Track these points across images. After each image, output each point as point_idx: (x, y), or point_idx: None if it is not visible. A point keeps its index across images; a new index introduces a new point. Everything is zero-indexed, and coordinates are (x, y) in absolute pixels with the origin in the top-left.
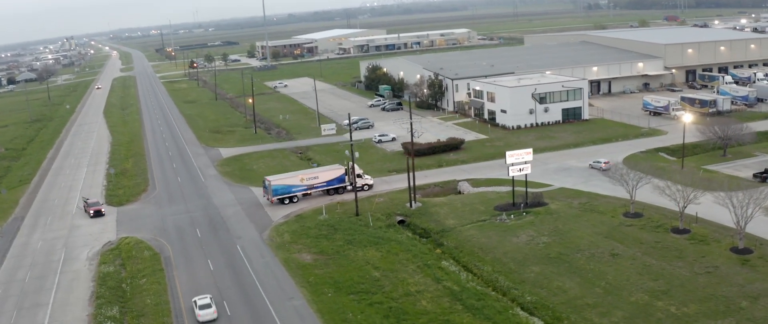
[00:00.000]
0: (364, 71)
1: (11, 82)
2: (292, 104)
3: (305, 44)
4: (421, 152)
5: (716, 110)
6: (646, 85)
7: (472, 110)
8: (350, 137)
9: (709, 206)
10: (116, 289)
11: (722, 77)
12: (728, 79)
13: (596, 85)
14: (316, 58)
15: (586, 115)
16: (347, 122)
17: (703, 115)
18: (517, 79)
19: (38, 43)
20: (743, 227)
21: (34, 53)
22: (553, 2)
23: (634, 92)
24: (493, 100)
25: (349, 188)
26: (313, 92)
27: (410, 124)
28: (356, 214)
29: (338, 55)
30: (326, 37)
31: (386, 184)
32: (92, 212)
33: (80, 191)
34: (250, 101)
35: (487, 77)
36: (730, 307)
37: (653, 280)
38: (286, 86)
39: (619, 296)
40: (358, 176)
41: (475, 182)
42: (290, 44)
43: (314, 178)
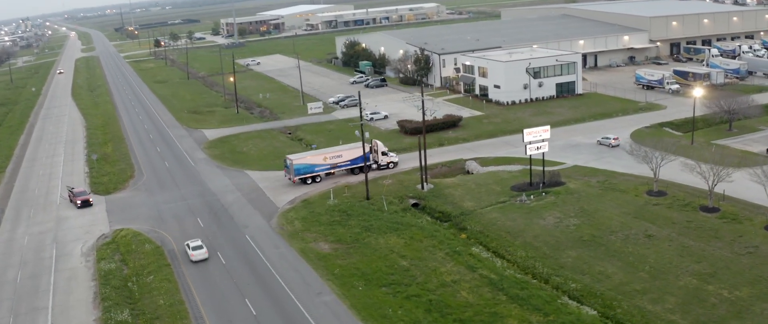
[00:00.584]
0: (340, 47)
1: None
2: (269, 82)
3: (271, 21)
4: (416, 130)
5: (710, 83)
6: (631, 58)
7: (461, 86)
8: (361, 117)
9: (733, 183)
10: (122, 288)
11: (708, 50)
12: (715, 52)
13: (582, 58)
14: (283, 34)
15: (579, 89)
16: (333, 100)
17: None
18: (507, 53)
19: None
20: None
21: None
22: None
23: (620, 65)
24: (485, 75)
25: (373, 167)
26: (288, 70)
27: (421, 101)
28: (367, 197)
29: (306, 31)
30: (293, 12)
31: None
32: (79, 202)
33: (61, 179)
34: (230, 80)
35: (474, 52)
36: None
37: (696, 262)
38: (258, 64)
39: (666, 281)
40: (383, 154)
41: (483, 161)
42: (256, 21)
43: (338, 156)
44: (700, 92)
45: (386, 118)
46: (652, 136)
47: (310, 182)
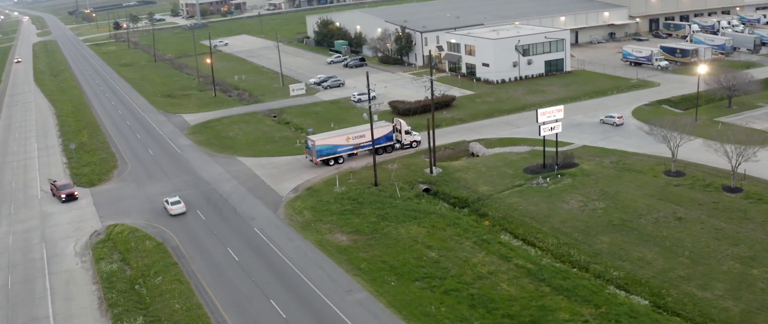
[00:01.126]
0: (312, 27)
1: None
2: (241, 64)
3: (232, 1)
4: (410, 111)
5: (699, 59)
6: (611, 34)
7: (446, 64)
8: (368, 99)
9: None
10: (129, 292)
11: (689, 26)
12: (696, 27)
13: None
14: (245, 14)
15: (568, 66)
16: (314, 81)
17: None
18: (491, 31)
19: None
20: None
21: None
22: None
23: (601, 42)
24: (472, 53)
25: (396, 146)
26: (258, 50)
27: (431, 81)
28: (375, 183)
29: (269, 10)
30: None
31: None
32: (64, 196)
33: (39, 171)
34: (207, 61)
35: (457, 29)
36: None
37: (733, 245)
38: (226, 44)
39: (708, 266)
40: (406, 132)
41: (487, 143)
42: (216, 0)
43: (361, 136)
44: (704, 69)
45: (374, 98)
46: (652, 114)
47: (332, 164)
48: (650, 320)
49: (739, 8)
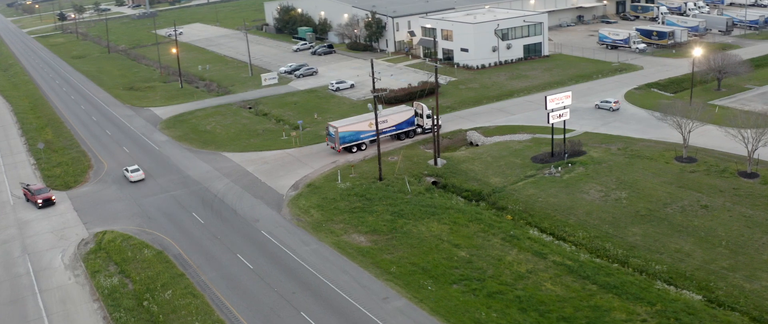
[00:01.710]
0: (272, 13)
1: None
2: (201, 53)
3: None
4: (396, 99)
5: (674, 42)
6: (580, 17)
7: (420, 50)
8: (373, 88)
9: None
10: (137, 309)
11: (657, 8)
12: (664, 9)
13: None
14: (194, 2)
15: (546, 51)
16: (284, 70)
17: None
18: (465, 14)
19: None
20: None
21: None
22: None
23: (570, 25)
24: (449, 38)
25: (418, 131)
26: (216, 39)
27: (435, 68)
28: (380, 178)
29: None
30: None
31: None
32: (40, 201)
33: (6, 174)
34: (173, 51)
35: (428, 14)
36: None
37: (767, 233)
38: (181, 33)
39: (749, 256)
40: (427, 117)
41: (484, 131)
42: None
43: (383, 122)
44: (699, 52)
45: (353, 87)
46: (644, 98)
47: (355, 151)
48: (709, 316)
49: None
